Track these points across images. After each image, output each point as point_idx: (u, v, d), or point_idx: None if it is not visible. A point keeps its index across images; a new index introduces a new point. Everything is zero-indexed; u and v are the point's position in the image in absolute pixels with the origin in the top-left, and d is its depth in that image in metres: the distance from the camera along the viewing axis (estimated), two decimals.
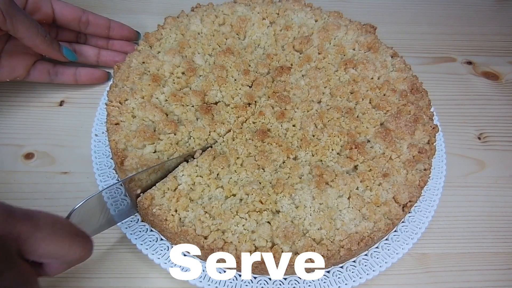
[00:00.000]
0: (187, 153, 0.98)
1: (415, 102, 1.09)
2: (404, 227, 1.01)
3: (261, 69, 1.13)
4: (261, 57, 1.17)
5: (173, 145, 0.98)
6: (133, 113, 1.02)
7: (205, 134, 1.01)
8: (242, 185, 0.93)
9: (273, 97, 1.08)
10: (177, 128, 1.00)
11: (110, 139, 0.97)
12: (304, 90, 1.10)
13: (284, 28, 1.22)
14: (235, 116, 1.05)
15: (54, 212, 0.70)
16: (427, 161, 1.00)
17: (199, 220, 0.87)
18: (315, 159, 0.99)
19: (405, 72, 1.15)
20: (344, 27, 1.23)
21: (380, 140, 1.01)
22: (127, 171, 0.93)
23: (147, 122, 1.01)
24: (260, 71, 1.13)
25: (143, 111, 1.01)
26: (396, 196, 0.94)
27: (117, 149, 0.95)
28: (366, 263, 0.95)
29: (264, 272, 0.90)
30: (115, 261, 1.01)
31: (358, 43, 1.20)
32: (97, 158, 1.08)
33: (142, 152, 0.96)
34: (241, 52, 1.17)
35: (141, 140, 0.96)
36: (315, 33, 1.21)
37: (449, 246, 1.08)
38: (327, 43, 1.20)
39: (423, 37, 1.59)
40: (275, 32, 1.23)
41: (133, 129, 0.99)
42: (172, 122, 1.00)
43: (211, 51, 1.16)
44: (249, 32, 1.22)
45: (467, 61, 1.53)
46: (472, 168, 1.23)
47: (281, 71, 1.12)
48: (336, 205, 0.92)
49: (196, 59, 1.14)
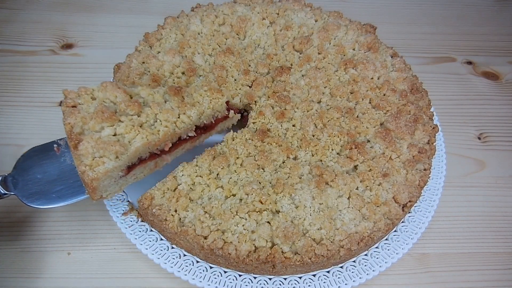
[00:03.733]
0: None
1: (415, 102, 1.09)
2: (404, 227, 1.01)
3: (261, 69, 1.13)
4: (261, 57, 1.17)
5: (135, 128, 0.89)
6: (93, 95, 0.94)
7: (174, 116, 0.94)
8: (242, 185, 0.93)
9: (273, 97, 1.08)
10: (142, 110, 0.93)
11: (65, 123, 0.89)
12: (304, 90, 1.10)
13: (284, 28, 1.22)
14: (208, 99, 1.00)
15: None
16: (427, 161, 1.00)
17: (199, 220, 0.87)
18: (315, 159, 0.99)
19: (405, 72, 1.15)
20: (344, 27, 1.23)
21: (380, 140, 1.01)
22: (82, 156, 0.85)
23: (108, 103, 0.93)
24: (260, 71, 1.13)
25: (103, 92, 0.93)
26: (396, 196, 0.94)
27: (71, 133, 0.87)
28: (366, 263, 0.95)
29: (264, 272, 0.90)
30: (115, 261, 1.01)
31: (358, 43, 1.20)
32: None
33: (100, 135, 0.87)
34: (241, 52, 1.17)
35: (98, 121, 0.88)
36: (315, 33, 1.21)
37: (449, 246, 1.08)
38: (327, 43, 1.20)
39: (423, 37, 1.59)
40: (275, 32, 1.22)
41: (91, 111, 0.90)
42: (136, 103, 0.92)
43: (211, 51, 1.16)
44: (249, 32, 1.22)
45: (467, 61, 1.53)
46: (472, 168, 1.23)
47: (281, 71, 1.11)
48: (336, 205, 0.92)
49: (196, 59, 1.14)
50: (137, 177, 0.96)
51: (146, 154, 0.93)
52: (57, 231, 1.06)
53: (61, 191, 0.92)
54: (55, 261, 1.01)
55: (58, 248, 1.03)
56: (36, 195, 0.89)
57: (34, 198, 0.89)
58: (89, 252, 1.03)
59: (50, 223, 1.06)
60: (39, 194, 0.90)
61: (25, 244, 1.03)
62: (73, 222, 1.07)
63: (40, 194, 0.90)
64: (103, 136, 0.87)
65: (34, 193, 0.89)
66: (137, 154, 0.90)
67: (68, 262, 1.01)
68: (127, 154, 0.86)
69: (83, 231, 1.06)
